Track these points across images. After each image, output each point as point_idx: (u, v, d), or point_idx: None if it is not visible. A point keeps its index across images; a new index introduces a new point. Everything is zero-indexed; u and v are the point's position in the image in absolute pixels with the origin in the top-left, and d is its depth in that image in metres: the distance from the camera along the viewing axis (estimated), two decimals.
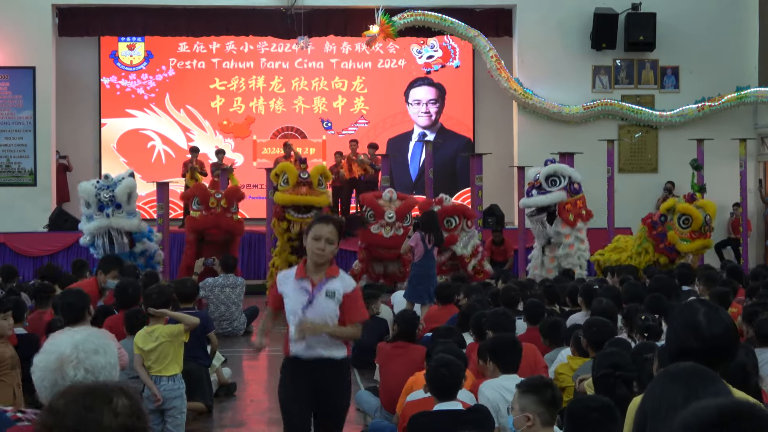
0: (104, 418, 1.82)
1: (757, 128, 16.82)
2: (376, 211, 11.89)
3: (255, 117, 18.74)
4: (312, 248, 4.59)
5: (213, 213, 12.32)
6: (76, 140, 17.92)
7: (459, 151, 18.54)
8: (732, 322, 2.87)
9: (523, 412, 3.58)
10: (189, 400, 6.51)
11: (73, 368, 2.56)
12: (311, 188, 12.09)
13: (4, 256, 14.38)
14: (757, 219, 16.78)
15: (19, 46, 16.23)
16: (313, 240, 4.58)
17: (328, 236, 4.58)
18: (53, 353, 2.59)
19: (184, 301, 7.18)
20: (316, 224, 4.65)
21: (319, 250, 4.57)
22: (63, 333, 2.71)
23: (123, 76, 18.51)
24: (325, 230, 4.58)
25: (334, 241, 4.60)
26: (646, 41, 16.51)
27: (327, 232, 4.58)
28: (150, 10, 17.03)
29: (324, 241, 4.57)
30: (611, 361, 4.21)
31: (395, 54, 18.73)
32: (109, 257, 9.31)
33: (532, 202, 11.90)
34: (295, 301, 4.64)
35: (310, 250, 4.62)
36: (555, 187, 11.83)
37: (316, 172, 12.30)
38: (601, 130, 16.26)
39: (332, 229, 4.60)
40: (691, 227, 11.56)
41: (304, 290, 4.63)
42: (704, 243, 11.69)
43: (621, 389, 4.10)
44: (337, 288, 4.62)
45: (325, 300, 4.60)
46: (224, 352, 8.41)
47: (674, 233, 11.64)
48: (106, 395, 1.90)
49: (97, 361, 2.61)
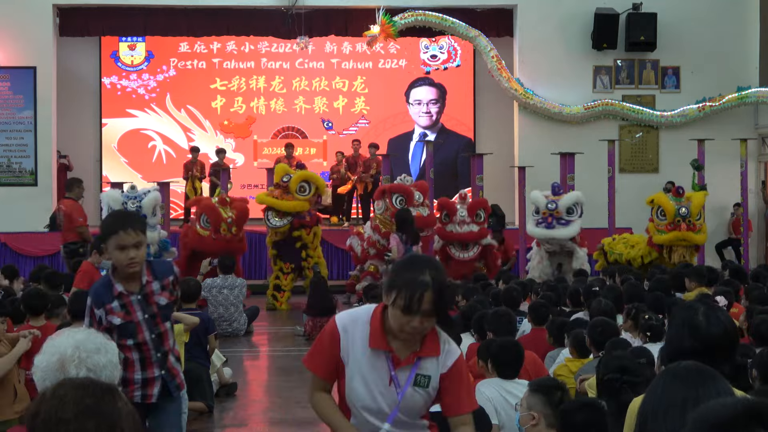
0: (118, 401, 1.83)
1: (757, 128, 16.81)
2: (407, 196, 12.01)
3: (256, 117, 18.74)
4: (400, 323, 2.89)
5: (224, 239, 11.79)
6: (77, 140, 17.92)
7: (460, 151, 18.54)
8: (731, 323, 2.87)
9: (529, 411, 3.58)
10: (189, 400, 6.51)
11: (75, 367, 2.57)
12: (286, 193, 12.06)
13: (5, 256, 14.38)
14: (757, 219, 16.77)
15: (20, 46, 16.23)
16: (402, 314, 2.87)
17: (426, 309, 2.88)
18: (54, 354, 2.60)
19: (186, 301, 7.19)
20: (421, 292, 2.86)
21: (413, 329, 2.90)
22: (63, 334, 2.73)
23: (124, 76, 18.52)
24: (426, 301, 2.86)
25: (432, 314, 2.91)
26: (647, 41, 16.50)
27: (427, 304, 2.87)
28: (151, 10, 17.03)
29: (419, 320, 2.88)
30: (619, 364, 4.16)
31: (396, 54, 18.73)
32: (100, 237, 9.28)
33: (557, 234, 11.89)
34: (370, 385, 2.99)
35: (396, 323, 2.91)
36: (573, 216, 11.96)
37: (297, 178, 12.18)
38: (601, 130, 16.25)
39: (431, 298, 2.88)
40: (667, 219, 11.67)
41: (382, 371, 2.99)
42: (678, 235, 11.57)
43: (626, 394, 4.06)
44: (432, 373, 3.02)
45: (412, 392, 3.00)
46: (225, 352, 8.41)
47: (652, 225, 11.89)
48: (109, 385, 1.91)
49: (98, 360, 2.63)
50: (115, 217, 4.17)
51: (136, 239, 3.87)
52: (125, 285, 3.96)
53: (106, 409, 1.80)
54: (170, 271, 4.09)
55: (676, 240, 11.64)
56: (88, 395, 1.80)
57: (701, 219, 12.07)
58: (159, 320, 4.02)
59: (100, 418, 1.78)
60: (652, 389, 2.36)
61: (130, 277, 3.95)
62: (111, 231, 3.89)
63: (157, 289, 4.01)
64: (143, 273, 3.98)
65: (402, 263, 3.00)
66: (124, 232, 3.85)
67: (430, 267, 2.91)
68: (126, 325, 3.95)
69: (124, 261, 3.88)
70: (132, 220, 3.95)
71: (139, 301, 3.97)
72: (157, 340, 4.02)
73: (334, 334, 3.02)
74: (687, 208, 11.66)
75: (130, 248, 3.86)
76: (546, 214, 11.99)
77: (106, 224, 4.01)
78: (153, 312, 4.00)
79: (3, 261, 13.35)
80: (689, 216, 11.64)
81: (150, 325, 3.99)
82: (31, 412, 1.83)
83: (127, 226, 3.87)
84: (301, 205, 12.07)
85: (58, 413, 1.78)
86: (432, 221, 12.30)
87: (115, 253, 3.89)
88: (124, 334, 3.94)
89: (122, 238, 3.85)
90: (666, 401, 2.28)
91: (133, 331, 3.96)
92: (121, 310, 3.95)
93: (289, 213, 12.00)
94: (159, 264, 4.13)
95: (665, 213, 11.69)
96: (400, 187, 12.19)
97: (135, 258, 3.88)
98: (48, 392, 1.84)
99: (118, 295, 3.95)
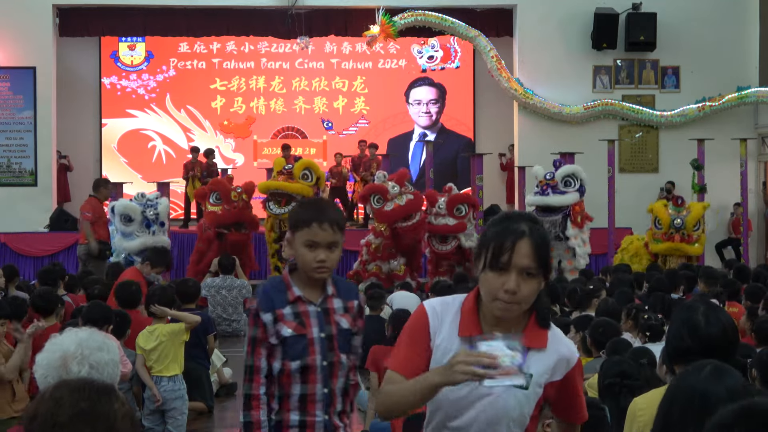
0: (114, 403, 1.83)
1: (757, 128, 16.81)
2: (381, 192, 11.92)
3: (255, 117, 18.74)
4: (492, 288, 2.40)
5: (236, 207, 12.06)
6: (77, 140, 17.92)
7: (459, 151, 18.54)
8: (731, 323, 2.87)
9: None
10: (189, 400, 6.52)
11: (78, 364, 2.58)
12: (290, 178, 12.14)
13: (5, 256, 14.38)
14: (757, 219, 16.78)
15: (19, 46, 16.23)
16: (492, 272, 2.40)
17: (522, 264, 2.41)
18: (56, 351, 2.61)
19: (186, 301, 7.19)
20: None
21: (508, 296, 2.39)
22: (65, 332, 2.73)
23: (123, 76, 18.51)
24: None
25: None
26: (646, 41, 16.50)
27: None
28: (150, 10, 17.03)
29: (515, 280, 2.40)
30: (620, 369, 4.17)
31: (396, 54, 18.73)
32: (160, 249, 9.47)
33: (551, 201, 11.84)
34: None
35: (487, 291, 2.44)
36: (570, 188, 11.89)
37: (301, 165, 12.32)
38: (601, 130, 16.25)
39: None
40: (662, 229, 12.02)
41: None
42: (672, 246, 11.93)
43: (626, 399, 4.07)
44: (539, 369, 2.43)
45: (507, 392, 2.41)
46: (225, 352, 8.42)
47: (650, 232, 12.22)
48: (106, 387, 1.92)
49: (101, 358, 2.64)
50: (310, 206, 3.26)
51: (332, 238, 3.11)
52: (304, 291, 3.16)
53: (102, 411, 1.81)
54: (356, 295, 3.27)
55: (670, 250, 12.03)
56: (83, 398, 1.81)
57: (700, 229, 12.24)
58: (335, 345, 3.14)
59: (96, 422, 1.79)
60: (679, 384, 2.30)
61: (312, 283, 3.16)
62: (302, 222, 3.12)
63: (339, 308, 3.19)
64: (328, 283, 3.19)
65: (495, 218, 2.49)
66: (319, 226, 3.08)
67: (527, 219, 2.44)
68: (297, 340, 3.11)
69: (311, 263, 3.09)
70: (331, 214, 3.15)
71: (318, 314, 3.15)
72: (328, 371, 3.12)
73: (421, 318, 2.53)
74: (682, 220, 11.92)
75: (322, 248, 3.09)
76: (543, 183, 12.03)
77: (297, 213, 3.20)
78: (331, 333, 3.14)
79: (2, 261, 13.34)
80: (684, 227, 11.91)
81: (324, 349, 3.12)
82: (29, 415, 1.84)
83: (323, 220, 3.09)
84: (307, 189, 12.17)
85: (54, 417, 1.78)
86: (412, 208, 11.90)
87: (301, 250, 3.10)
88: (290, 353, 3.11)
89: (315, 234, 3.08)
90: (703, 395, 2.22)
91: (304, 350, 3.11)
92: (295, 320, 3.12)
93: (292, 199, 12.04)
94: (344, 283, 3.33)
95: (661, 223, 12.01)
96: (373, 188, 12.16)
97: (326, 262, 3.10)
98: (46, 394, 1.85)
99: (295, 300, 3.14)
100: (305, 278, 3.14)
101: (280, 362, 3.10)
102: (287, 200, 12.07)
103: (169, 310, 6.36)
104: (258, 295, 3.18)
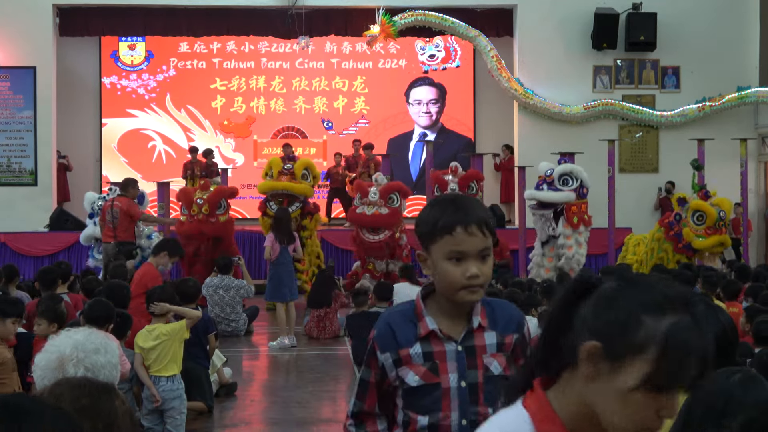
0: (114, 401, 1.83)
1: (757, 128, 16.81)
2: (363, 193, 11.90)
3: (256, 117, 18.74)
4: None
5: (195, 219, 11.73)
6: (77, 140, 17.92)
7: (460, 151, 18.53)
8: (730, 323, 2.87)
9: None
10: (188, 400, 6.52)
11: (74, 366, 2.58)
12: (293, 178, 12.14)
13: (5, 255, 14.39)
14: (757, 219, 16.78)
15: (19, 45, 16.24)
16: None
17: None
18: (54, 353, 2.61)
19: (186, 301, 7.18)
20: None
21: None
22: (63, 334, 2.74)
23: (124, 76, 18.51)
24: None
25: None
26: (646, 41, 16.51)
27: None
28: (151, 10, 17.03)
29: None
30: None
31: (396, 54, 18.73)
32: (172, 241, 9.63)
33: (540, 195, 11.82)
34: None
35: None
36: (566, 187, 11.84)
37: (301, 164, 12.32)
38: (601, 130, 16.25)
39: None
40: (706, 224, 11.70)
41: None
42: (720, 239, 11.78)
43: None
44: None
45: None
46: (225, 352, 8.41)
47: (689, 230, 11.78)
48: (106, 385, 1.92)
49: (96, 360, 2.64)
50: (448, 206, 2.32)
51: (483, 244, 2.28)
52: (442, 322, 2.34)
53: (102, 408, 1.81)
54: (517, 326, 2.41)
55: (719, 244, 11.79)
56: (84, 395, 1.81)
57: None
58: (480, 398, 2.33)
59: (96, 418, 1.79)
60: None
61: (455, 311, 2.34)
62: (441, 228, 2.27)
63: (491, 345, 2.35)
64: (476, 311, 2.35)
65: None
66: (465, 231, 2.25)
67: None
68: (426, 390, 2.32)
69: (460, 280, 2.26)
70: (478, 212, 2.31)
71: (459, 354, 2.33)
72: (468, 431, 2.29)
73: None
74: (723, 212, 11.81)
75: (472, 258, 2.26)
76: (541, 179, 12.02)
77: (430, 217, 2.32)
78: (476, 380, 2.33)
79: (3, 261, 13.34)
80: (725, 219, 11.85)
81: (464, 402, 2.32)
82: None
83: (470, 221, 2.26)
84: (309, 189, 12.19)
85: None
86: (377, 221, 11.65)
87: (443, 266, 2.27)
88: (416, 405, 2.34)
89: (462, 241, 2.25)
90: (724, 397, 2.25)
91: (435, 404, 2.32)
92: (425, 363, 2.32)
93: (295, 199, 12.02)
94: (504, 307, 2.45)
95: (704, 218, 11.70)
96: (360, 185, 12.26)
97: (479, 277, 2.27)
98: (45, 391, 1.85)
99: (427, 335, 2.33)
100: (446, 305, 2.35)
101: (403, 413, 2.36)
102: (289, 200, 12.05)
103: (170, 306, 6.36)
104: (377, 326, 2.41)
